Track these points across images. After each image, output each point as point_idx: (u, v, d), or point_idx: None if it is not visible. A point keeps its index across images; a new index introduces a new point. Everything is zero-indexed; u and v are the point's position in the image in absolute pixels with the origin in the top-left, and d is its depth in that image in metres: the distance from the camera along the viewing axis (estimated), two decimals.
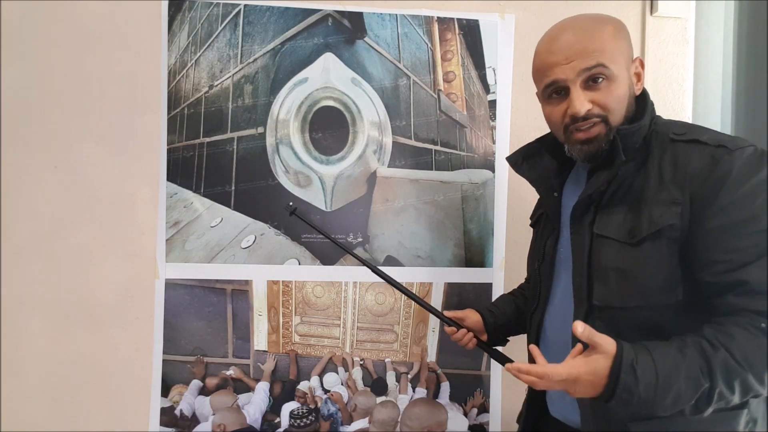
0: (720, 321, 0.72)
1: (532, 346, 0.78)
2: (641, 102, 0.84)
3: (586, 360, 0.69)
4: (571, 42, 0.81)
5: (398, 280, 1.12)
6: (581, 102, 0.79)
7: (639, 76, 0.84)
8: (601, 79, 0.79)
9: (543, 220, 0.99)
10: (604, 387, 0.68)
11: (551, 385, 0.72)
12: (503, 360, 1.00)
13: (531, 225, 1.08)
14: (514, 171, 1.00)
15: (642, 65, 0.85)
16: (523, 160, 0.97)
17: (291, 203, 1.31)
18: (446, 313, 1.09)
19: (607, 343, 0.69)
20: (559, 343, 0.88)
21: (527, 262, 1.08)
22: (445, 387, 1.39)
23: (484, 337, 1.09)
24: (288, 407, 1.35)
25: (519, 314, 1.11)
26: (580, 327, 0.68)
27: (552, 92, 0.84)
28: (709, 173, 0.72)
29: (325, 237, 1.16)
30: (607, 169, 0.80)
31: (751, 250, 0.70)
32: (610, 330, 0.75)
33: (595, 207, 0.82)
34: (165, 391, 1.32)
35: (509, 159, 1.00)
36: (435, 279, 1.38)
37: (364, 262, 1.11)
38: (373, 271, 1.10)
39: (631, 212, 0.78)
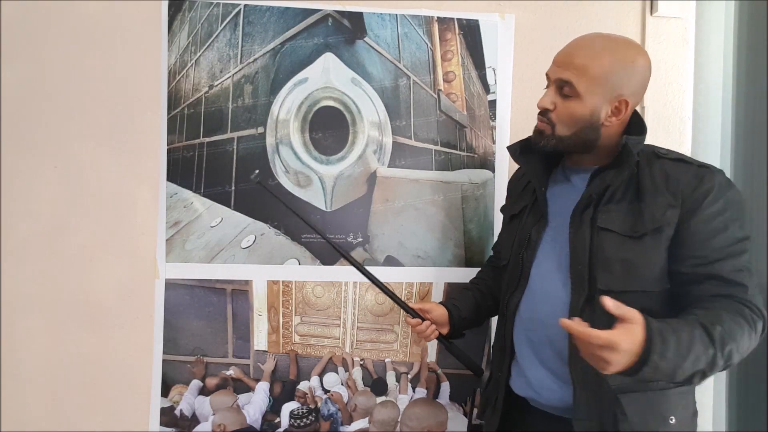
0: (704, 306, 0.83)
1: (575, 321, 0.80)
2: (636, 121, 0.96)
3: (624, 329, 0.74)
4: (569, 51, 0.93)
5: (398, 281, 1.12)
6: (547, 98, 0.95)
7: (618, 112, 0.92)
8: (567, 94, 0.92)
9: (527, 211, 1.07)
10: (639, 354, 0.73)
11: (593, 349, 0.74)
12: (461, 355, 1.10)
13: (512, 215, 1.12)
14: (513, 160, 1.09)
15: (626, 106, 0.91)
16: (520, 152, 1.06)
17: (258, 171, 1.30)
18: (411, 305, 1.16)
19: (636, 314, 0.75)
20: (534, 321, 0.99)
21: (503, 250, 1.13)
22: (445, 387, 1.39)
23: (445, 331, 1.16)
24: (288, 407, 1.35)
25: (477, 309, 1.19)
26: (609, 302, 0.74)
27: (547, 83, 0.97)
28: (696, 185, 0.87)
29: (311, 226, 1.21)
30: (615, 168, 0.91)
31: (722, 249, 0.85)
32: (607, 312, 0.83)
33: (594, 205, 0.93)
34: (165, 391, 1.32)
35: (510, 147, 1.09)
36: (435, 279, 1.37)
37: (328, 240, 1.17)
38: (337, 250, 1.17)
39: (631, 211, 0.90)
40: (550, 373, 0.96)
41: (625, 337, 0.72)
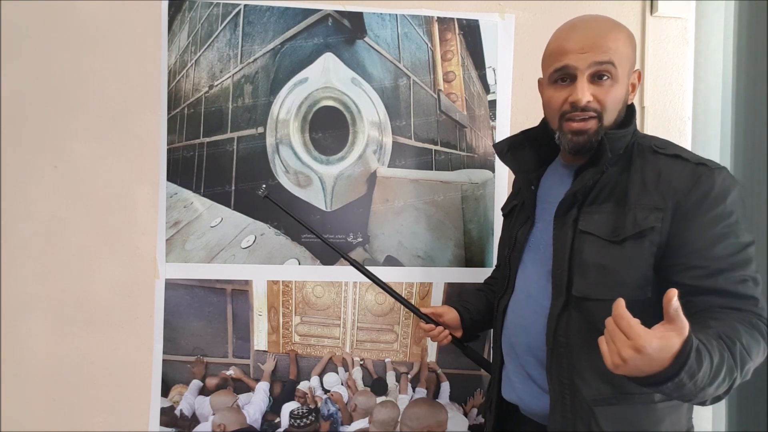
0: (717, 317, 0.76)
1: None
2: (629, 112, 0.90)
3: (662, 336, 0.63)
4: (590, 35, 0.85)
5: (398, 281, 1.11)
6: (584, 92, 0.84)
7: (634, 87, 0.91)
8: (606, 77, 0.85)
9: (517, 210, 1.05)
10: (667, 367, 0.64)
11: (618, 341, 0.65)
12: (476, 357, 1.06)
13: (504, 215, 1.12)
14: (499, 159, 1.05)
15: (639, 78, 0.91)
16: (508, 150, 1.02)
17: (264, 186, 1.28)
18: (423, 310, 1.13)
19: (685, 327, 0.64)
20: (516, 326, 0.96)
21: (498, 251, 1.12)
22: (445, 387, 1.39)
23: (459, 334, 1.13)
24: (288, 407, 1.35)
25: (490, 309, 1.14)
26: (672, 294, 0.63)
27: (559, 78, 0.88)
28: (691, 187, 0.80)
29: (312, 231, 1.18)
30: (594, 167, 0.86)
31: (726, 259, 0.78)
32: (585, 320, 0.84)
33: (579, 205, 0.88)
34: (165, 391, 1.32)
35: (496, 146, 1.05)
36: (435, 279, 1.37)
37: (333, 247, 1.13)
38: (341, 254, 1.13)
39: (615, 213, 0.84)
40: (532, 380, 0.92)
41: (657, 342, 0.62)
